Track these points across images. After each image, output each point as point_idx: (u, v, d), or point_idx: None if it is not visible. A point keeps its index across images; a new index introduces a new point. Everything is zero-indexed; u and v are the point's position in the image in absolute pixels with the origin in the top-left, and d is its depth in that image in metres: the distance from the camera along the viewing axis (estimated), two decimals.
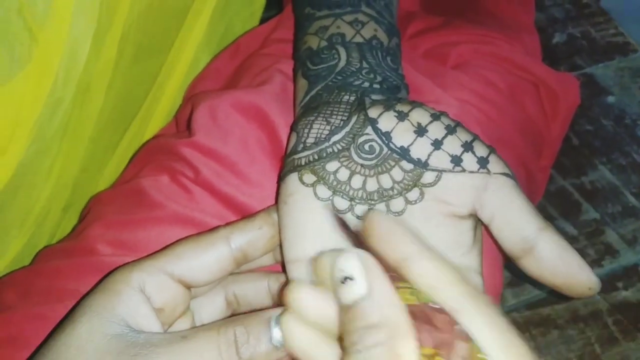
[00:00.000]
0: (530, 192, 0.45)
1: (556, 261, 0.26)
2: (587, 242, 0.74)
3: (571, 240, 0.73)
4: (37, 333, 0.29)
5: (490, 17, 0.53)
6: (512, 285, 0.66)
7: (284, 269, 0.29)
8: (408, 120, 0.29)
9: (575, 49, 0.95)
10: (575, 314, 0.67)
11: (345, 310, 0.19)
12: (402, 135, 0.29)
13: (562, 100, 0.48)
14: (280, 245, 0.29)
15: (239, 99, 0.36)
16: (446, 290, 0.18)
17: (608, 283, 0.70)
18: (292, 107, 0.36)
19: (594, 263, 0.72)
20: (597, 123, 0.85)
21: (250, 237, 0.29)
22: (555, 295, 0.27)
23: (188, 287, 0.28)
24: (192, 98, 0.40)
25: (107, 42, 0.31)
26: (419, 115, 0.29)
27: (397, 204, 0.28)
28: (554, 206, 0.76)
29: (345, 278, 0.19)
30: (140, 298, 0.26)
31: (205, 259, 0.28)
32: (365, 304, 0.18)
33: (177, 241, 0.28)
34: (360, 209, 0.28)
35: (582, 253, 0.72)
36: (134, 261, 0.27)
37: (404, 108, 0.29)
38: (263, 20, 0.48)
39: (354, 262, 0.19)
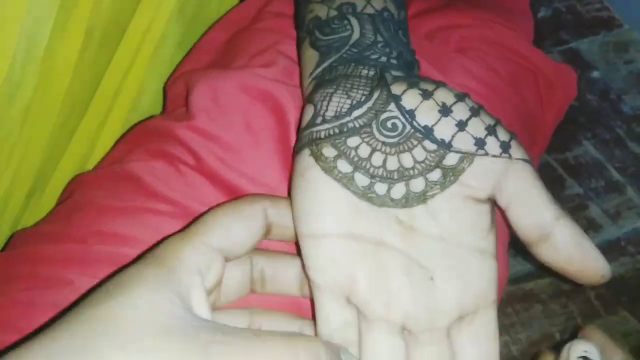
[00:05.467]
0: None
1: (572, 250, 0.26)
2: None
3: None
4: (25, 318, 0.29)
5: None
6: None
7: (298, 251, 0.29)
8: (433, 99, 0.28)
9: (560, 23, 0.94)
10: (558, 289, 0.67)
11: None
12: (426, 114, 0.28)
13: (558, 91, 0.48)
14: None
15: (244, 81, 0.35)
16: None
17: None
18: (299, 92, 0.35)
19: None
20: (582, 98, 0.85)
21: (284, 215, 0.28)
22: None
23: (228, 261, 0.26)
24: (185, 76, 0.38)
25: (72, 22, 0.30)
26: (444, 95, 0.28)
27: (418, 184, 0.27)
28: None
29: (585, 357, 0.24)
30: (195, 280, 0.23)
31: (248, 231, 0.26)
32: None
33: (216, 211, 0.26)
34: (380, 186, 0.28)
35: None
36: (179, 233, 0.25)
37: (428, 87, 0.29)
38: None
39: (591, 347, 0.26)
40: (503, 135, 0.28)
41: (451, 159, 0.27)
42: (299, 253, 0.28)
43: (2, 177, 0.31)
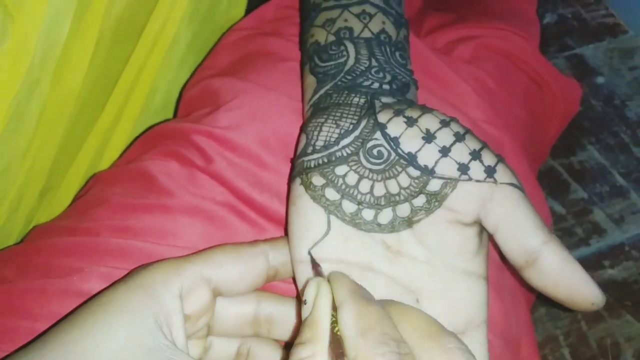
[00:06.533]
0: None
1: (559, 275, 0.26)
2: (575, 221, 0.74)
3: (559, 219, 0.74)
4: (38, 304, 0.29)
5: (499, 6, 0.53)
6: None
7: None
8: (417, 126, 0.29)
9: (565, 29, 0.95)
10: None
11: None
12: (410, 141, 0.28)
13: (561, 106, 0.48)
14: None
15: (279, 99, 0.36)
16: (346, 338, 0.22)
17: (595, 262, 0.70)
18: None
19: (581, 242, 0.72)
20: (587, 103, 0.86)
21: (286, 254, 0.29)
22: (556, 306, 0.27)
23: (217, 295, 0.27)
24: (205, 82, 0.39)
25: (87, 19, 0.31)
26: (428, 121, 0.29)
27: (404, 209, 0.28)
28: (543, 186, 0.76)
29: (305, 300, 0.24)
30: (176, 306, 0.25)
31: (243, 270, 0.27)
32: (305, 323, 0.23)
33: (215, 248, 0.28)
34: (367, 213, 0.28)
35: (570, 232, 0.74)
36: (171, 260, 0.27)
37: (414, 113, 0.29)
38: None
39: (309, 289, 0.24)
40: (488, 160, 0.28)
41: (434, 185, 0.28)
42: (294, 281, 0.29)
43: (17, 174, 0.32)
